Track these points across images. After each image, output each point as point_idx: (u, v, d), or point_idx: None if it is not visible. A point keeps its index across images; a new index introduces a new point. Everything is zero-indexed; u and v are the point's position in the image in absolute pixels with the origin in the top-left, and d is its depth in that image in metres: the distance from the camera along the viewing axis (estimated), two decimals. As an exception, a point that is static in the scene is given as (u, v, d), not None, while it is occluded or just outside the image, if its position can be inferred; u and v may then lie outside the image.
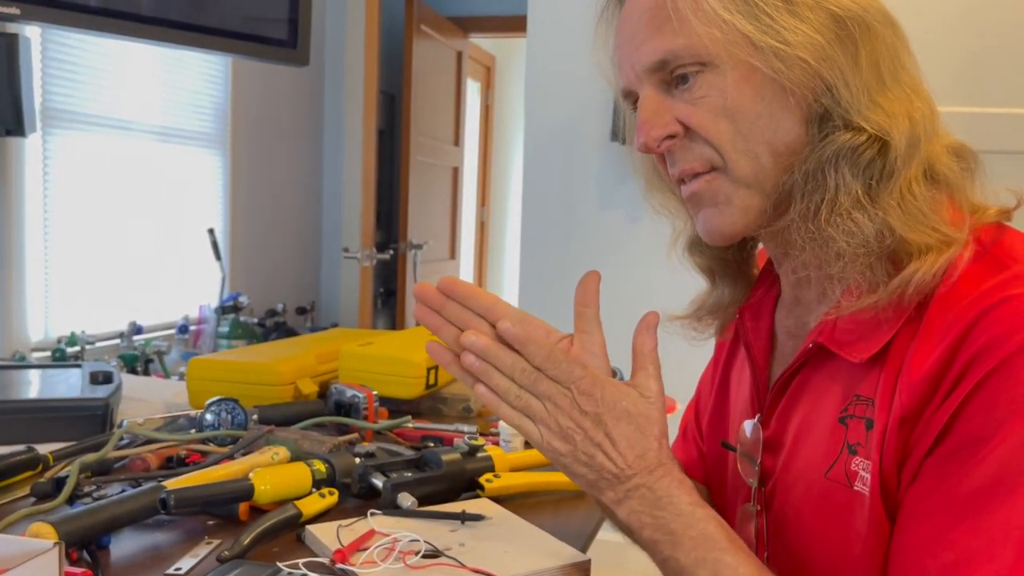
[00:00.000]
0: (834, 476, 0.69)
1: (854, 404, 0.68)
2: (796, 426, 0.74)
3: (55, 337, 2.66)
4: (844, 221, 0.65)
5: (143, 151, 3.02)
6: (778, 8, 0.65)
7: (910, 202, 0.65)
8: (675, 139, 0.71)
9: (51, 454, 1.05)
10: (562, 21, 2.61)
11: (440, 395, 1.43)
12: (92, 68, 2.77)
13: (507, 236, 6.17)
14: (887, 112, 0.65)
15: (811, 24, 0.65)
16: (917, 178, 0.66)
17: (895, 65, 0.67)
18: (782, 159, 0.68)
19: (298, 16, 1.69)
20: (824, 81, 0.66)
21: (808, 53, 0.65)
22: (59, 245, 2.69)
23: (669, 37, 0.68)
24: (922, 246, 0.64)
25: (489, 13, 4.89)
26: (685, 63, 0.68)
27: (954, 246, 0.64)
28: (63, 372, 1.41)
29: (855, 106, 0.65)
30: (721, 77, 0.67)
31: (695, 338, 0.86)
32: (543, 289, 2.72)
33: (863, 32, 0.66)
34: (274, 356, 1.41)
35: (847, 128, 0.66)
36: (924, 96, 0.68)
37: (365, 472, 0.98)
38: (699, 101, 0.68)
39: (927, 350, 0.62)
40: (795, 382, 0.75)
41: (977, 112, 2.24)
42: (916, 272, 0.63)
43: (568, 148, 2.65)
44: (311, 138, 4.03)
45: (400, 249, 4.26)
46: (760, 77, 0.67)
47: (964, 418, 0.60)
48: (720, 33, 0.66)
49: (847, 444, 0.68)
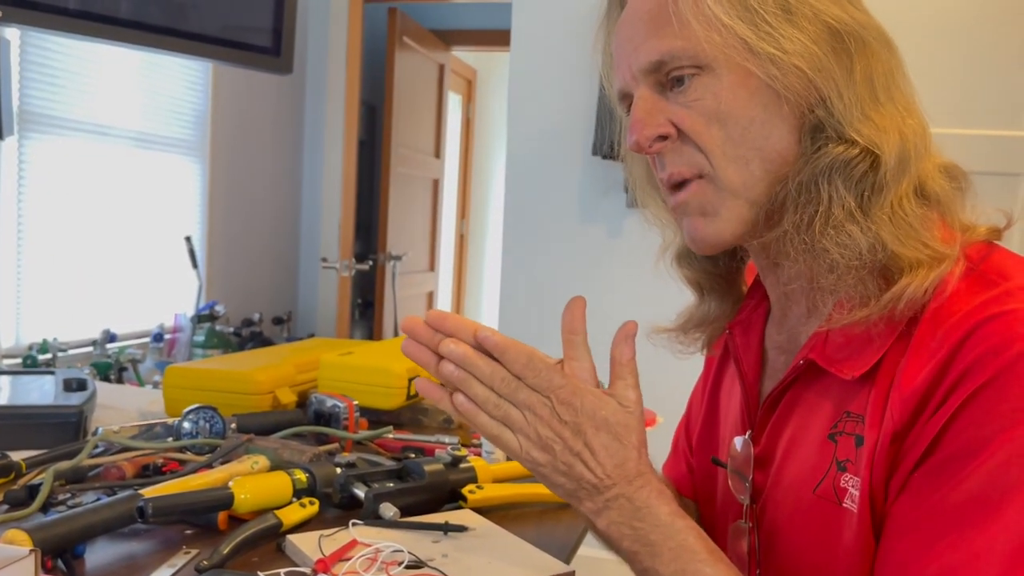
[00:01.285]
0: (822, 493, 0.69)
1: (844, 421, 0.68)
2: (786, 442, 0.74)
3: (26, 344, 2.62)
4: (838, 233, 0.65)
5: (121, 157, 2.98)
6: (777, 16, 0.66)
7: (901, 217, 0.65)
8: (667, 141, 0.71)
9: (24, 461, 1.03)
10: (545, 36, 2.63)
11: (421, 406, 1.42)
12: (71, 72, 2.74)
13: (487, 249, 6.16)
14: (879, 127, 0.66)
15: (809, 34, 0.66)
16: (908, 195, 0.66)
17: (889, 82, 0.68)
18: (772, 168, 0.69)
19: (282, 24, 1.68)
20: (818, 91, 0.66)
21: (804, 62, 0.66)
22: (32, 250, 2.65)
23: (668, 39, 0.68)
24: (913, 261, 0.64)
25: (472, 27, 4.91)
26: (682, 65, 0.68)
27: (945, 262, 0.64)
28: (36, 379, 1.39)
29: (848, 119, 0.66)
30: (717, 80, 0.68)
31: (681, 352, 0.86)
32: (522, 302, 2.72)
33: (859, 47, 0.67)
34: (253, 365, 1.40)
35: (840, 140, 0.66)
36: (917, 115, 0.69)
37: (346, 482, 0.97)
38: (693, 104, 0.69)
39: (918, 365, 0.63)
40: (786, 398, 0.74)
41: (966, 134, 2.28)
42: (907, 287, 0.64)
43: (549, 162, 2.66)
44: (291, 147, 4.01)
45: (379, 260, 4.24)
46: (755, 83, 0.67)
47: (953, 432, 0.60)
48: (719, 37, 0.67)
49: (836, 460, 0.68)
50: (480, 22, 4.84)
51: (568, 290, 2.65)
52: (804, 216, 0.67)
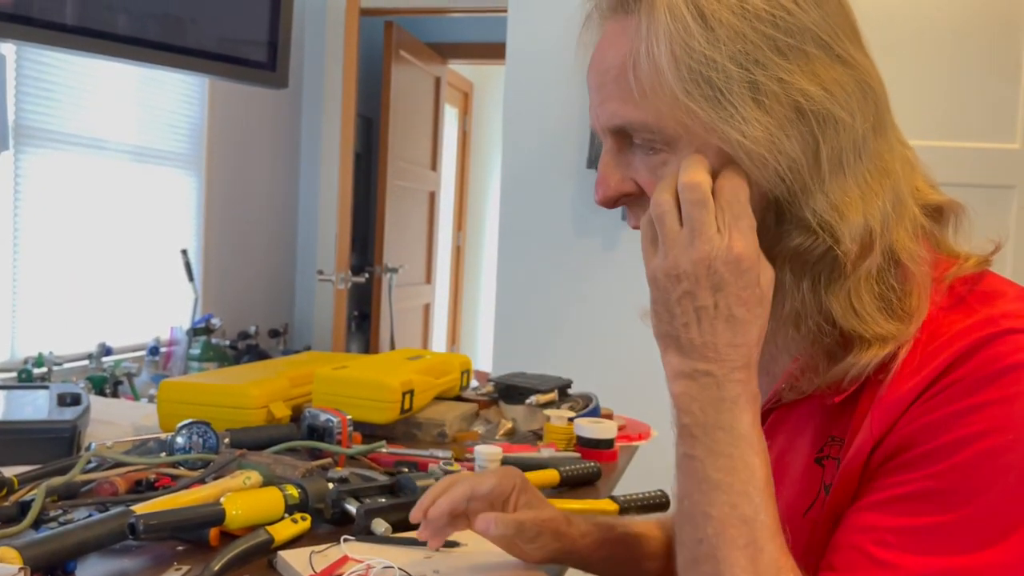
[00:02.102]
0: (813, 517, 0.69)
1: (829, 445, 0.69)
2: (774, 463, 0.74)
3: (22, 357, 2.61)
4: (787, 327, 0.67)
5: (117, 170, 2.99)
6: (743, 97, 0.63)
7: (856, 302, 0.65)
8: (631, 196, 0.71)
9: (16, 477, 1.03)
10: (540, 49, 2.64)
11: (415, 420, 1.42)
12: (67, 86, 2.75)
13: (483, 261, 6.17)
14: (841, 213, 0.64)
15: (774, 116, 0.63)
16: (870, 274, 0.65)
17: (860, 153, 0.66)
18: None
19: (277, 39, 1.69)
20: (780, 176, 0.64)
21: (766, 148, 0.63)
22: (29, 264, 2.65)
23: (629, 107, 0.67)
24: (863, 341, 0.65)
25: (468, 40, 4.93)
26: (642, 136, 0.68)
27: (893, 342, 0.64)
28: (30, 393, 1.39)
29: (810, 205, 0.65)
30: (679, 155, 0.66)
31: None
32: (518, 314, 2.72)
33: (825, 125, 0.64)
34: (247, 379, 1.40)
35: (800, 226, 0.65)
36: (892, 179, 0.67)
37: (338, 497, 0.97)
38: (655, 170, 0.68)
39: (899, 383, 0.63)
40: (771, 419, 0.75)
41: (958, 146, 2.29)
42: (854, 365, 0.64)
43: (545, 175, 2.66)
44: (287, 160, 4.02)
45: (375, 272, 4.25)
46: (717, 161, 0.65)
47: (924, 439, 0.61)
48: (679, 115, 0.65)
49: (824, 485, 0.68)
50: (476, 35, 4.87)
51: (564, 302, 2.66)
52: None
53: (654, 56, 0.64)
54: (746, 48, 0.63)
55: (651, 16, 0.65)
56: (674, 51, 0.64)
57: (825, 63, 0.65)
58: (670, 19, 0.64)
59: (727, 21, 0.63)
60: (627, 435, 1.47)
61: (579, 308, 2.62)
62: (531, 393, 1.51)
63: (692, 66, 0.63)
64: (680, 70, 0.64)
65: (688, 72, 0.63)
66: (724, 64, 0.63)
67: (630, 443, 1.44)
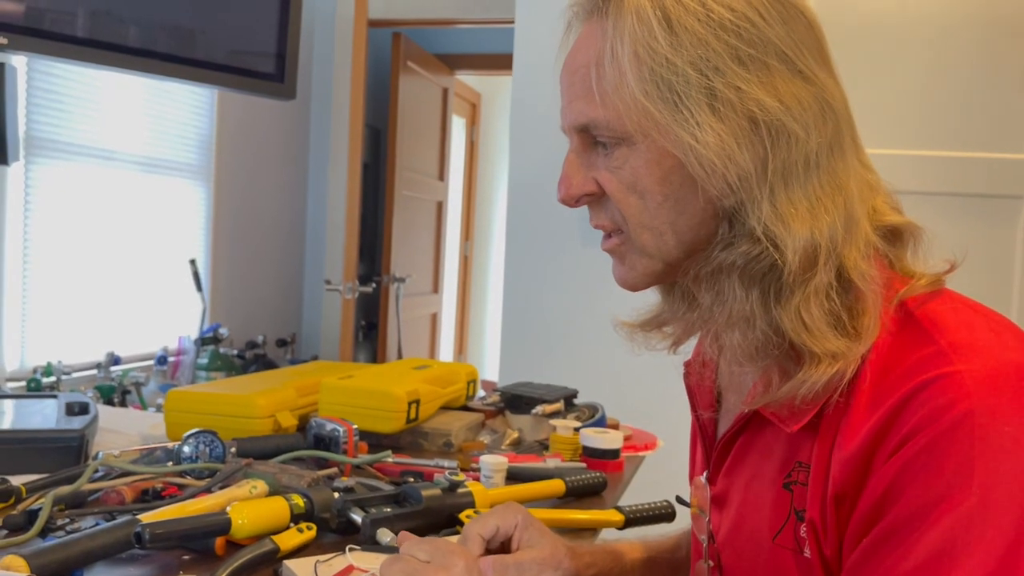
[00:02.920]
0: (783, 542, 0.69)
1: (796, 470, 0.68)
2: (742, 487, 0.74)
3: (31, 367, 2.63)
4: (733, 331, 0.66)
5: (126, 181, 3.01)
6: (699, 104, 0.64)
7: (806, 316, 0.64)
8: (592, 196, 0.72)
9: (24, 486, 1.04)
10: (547, 60, 2.64)
11: (421, 429, 1.42)
12: (77, 98, 2.77)
13: (490, 271, 6.18)
14: (786, 225, 0.64)
15: (728, 125, 0.64)
16: (820, 290, 0.65)
17: (812, 170, 0.66)
18: (687, 242, 0.69)
19: (285, 50, 1.70)
20: (729, 184, 0.65)
21: (716, 155, 0.64)
22: (38, 274, 2.67)
23: (591, 106, 0.68)
24: (813, 356, 0.64)
25: (475, 51, 4.95)
26: (603, 134, 0.69)
27: (843, 359, 0.63)
28: (38, 403, 1.39)
29: (756, 214, 0.65)
30: (635, 154, 0.68)
31: (644, 347, 0.84)
32: (525, 325, 2.72)
33: (778, 138, 0.65)
34: (253, 389, 1.40)
35: (747, 236, 0.66)
36: (847, 195, 0.67)
37: (344, 507, 0.98)
38: (615, 170, 0.69)
39: (858, 422, 0.63)
40: (739, 442, 0.75)
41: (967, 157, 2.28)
42: (804, 383, 0.64)
43: (552, 185, 2.64)
44: (296, 171, 4.04)
45: (383, 282, 4.25)
46: (671, 162, 0.66)
47: (896, 499, 0.60)
48: (638, 115, 0.66)
49: (795, 510, 0.68)
50: (483, 46, 4.89)
51: (570, 312, 2.66)
52: (712, 303, 0.68)
53: (618, 56, 0.66)
54: (707, 55, 0.64)
55: (618, 18, 0.67)
56: (637, 52, 0.65)
57: (785, 77, 0.65)
58: (636, 22, 0.66)
59: (691, 27, 0.65)
60: (633, 445, 1.46)
61: (586, 318, 2.62)
62: (537, 403, 1.51)
63: (653, 68, 0.65)
64: (641, 71, 0.65)
65: (649, 74, 0.65)
66: (684, 68, 0.64)
67: (636, 453, 1.44)
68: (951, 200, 2.14)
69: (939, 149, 2.27)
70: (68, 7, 1.42)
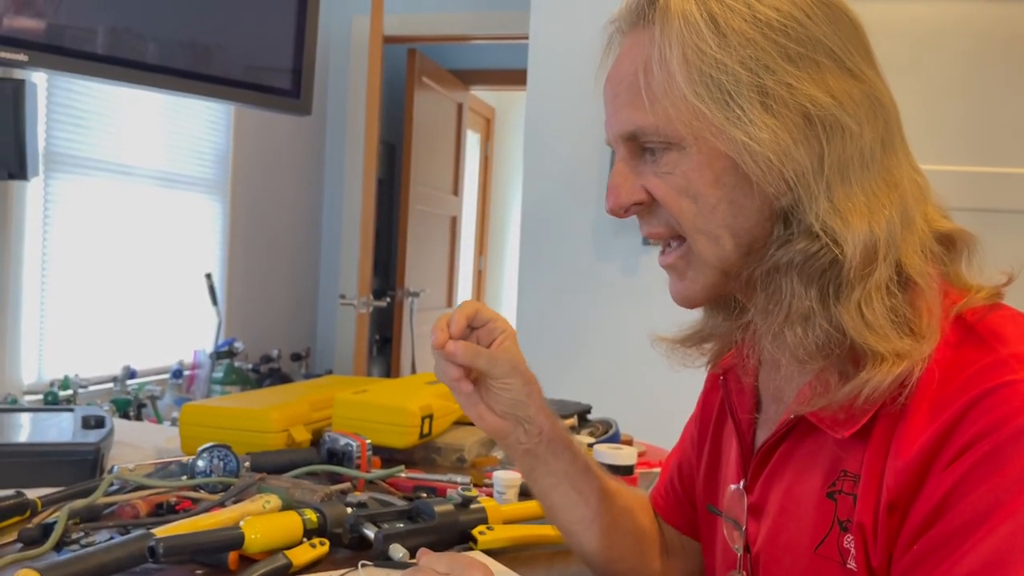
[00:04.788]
0: (825, 552, 0.68)
1: (842, 479, 0.67)
2: (781, 496, 0.73)
3: (48, 380, 2.65)
4: (794, 328, 0.65)
5: (143, 196, 3.04)
6: (752, 101, 0.65)
7: (868, 313, 0.64)
8: (642, 206, 0.72)
9: (40, 499, 1.04)
10: (561, 75, 2.66)
11: (434, 444, 1.42)
12: (96, 113, 2.80)
13: (504, 285, 6.18)
14: (844, 220, 0.64)
15: (782, 122, 0.64)
16: (880, 286, 0.64)
17: (868, 164, 0.66)
18: (744, 244, 0.68)
19: (302, 66, 1.72)
20: (786, 181, 0.65)
21: (773, 152, 0.64)
22: (56, 288, 2.69)
23: (640, 112, 0.68)
24: (876, 355, 0.63)
25: (490, 67, 4.97)
26: (652, 140, 0.69)
27: (907, 359, 0.63)
28: (55, 416, 1.40)
29: (814, 210, 0.65)
30: (687, 158, 0.67)
31: (682, 364, 0.84)
32: (538, 339, 2.72)
33: (832, 133, 0.65)
34: (267, 403, 1.41)
35: (805, 233, 0.65)
36: (900, 195, 0.67)
37: (356, 522, 0.97)
38: (665, 176, 0.69)
39: (915, 432, 0.62)
40: (780, 451, 0.74)
41: (990, 172, 2.27)
42: (868, 382, 0.63)
43: (565, 200, 2.67)
44: (311, 186, 4.06)
45: (397, 296, 4.26)
46: (724, 163, 0.66)
47: (954, 504, 0.59)
48: (688, 117, 0.66)
49: (838, 520, 0.67)
50: (498, 62, 4.91)
51: (584, 327, 2.66)
52: (768, 304, 0.67)
53: (666, 59, 0.67)
54: (756, 54, 0.65)
55: (665, 23, 0.67)
56: (686, 54, 0.66)
57: (835, 73, 0.66)
58: (683, 25, 0.66)
59: (739, 28, 0.65)
60: (647, 461, 1.46)
61: (599, 333, 2.61)
62: (551, 418, 1.50)
63: (703, 68, 0.65)
64: (691, 72, 0.65)
65: (698, 75, 0.65)
66: (734, 67, 0.65)
67: (650, 469, 1.43)
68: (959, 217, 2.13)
69: (954, 164, 2.26)
70: (88, 24, 1.44)
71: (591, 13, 2.72)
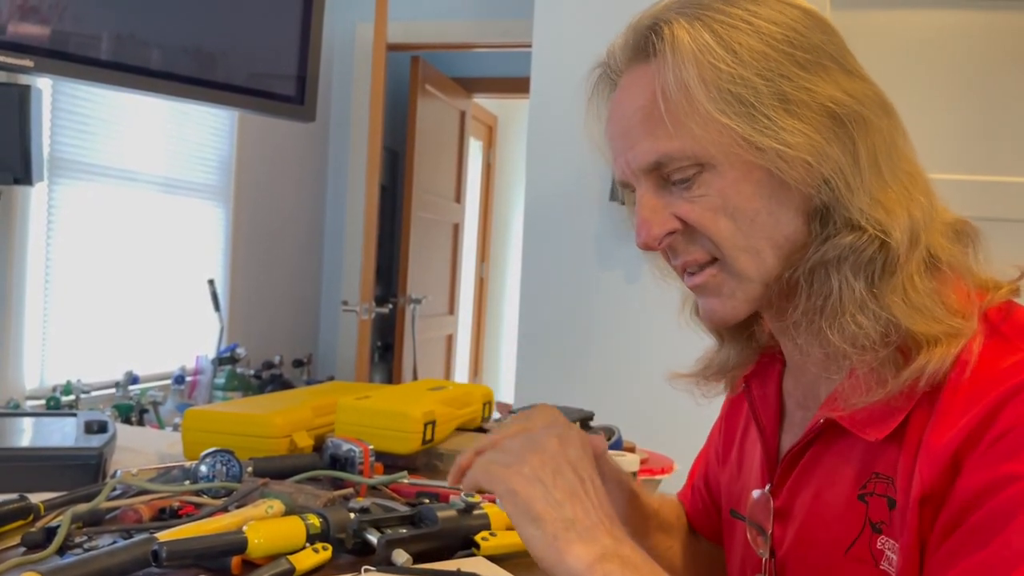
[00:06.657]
0: (857, 554, 0.67)
1: (873, 481, 0.67)
2: (810, 499, 0.73)
3: (51, 385, 2.65)
4: (848, 324, 0.65)
5: (147, 201, 3.04)
6: (775, 108, 0.66)
7: (913, 296, 0.65)
8: (675, 234, 0.71)
9: (43, 503, 1.04)
10: (563, 84, 2.66)
11: (436, 451, 1.42)
12: (100, 119, 2.81)
13: (506, 293, 6.18)
14: (886, 209, 0.66)
15: (809, 123, 0.66)
16: (919, 271, 0.66)
17: (892, 154, 0.68)
18: (784, 252, 0.69)
19: (306, 73, 1.72)
20: (824, 179, 0.66)
21: (809, 153, 0.65)
22: (59, 293, 2.70)
23: (664, 140, 0.68)
24: (930, 338, 0.64)
25: (493, 75, 4.98)
26: (681, 165, 0.68)
27: (961, 337, 0.64)
28: (57, 421, 1.41)
29: (856, 204, 0.66)
30: (719, 176, 0.68)
31: (704, 395, 0.85)
32: (540, 346, 2.72)
33: (859, 126, 0.66)
34: (270, 408, 1.41)
35: (847, 226, 0.66)
36: (921, 182, 0.69)
37: (359, 527, 0.97)
38: (697, 199, 0.69)
39: (946, 427, 0.62)
40: (807, 455, 0.73)
41: (993, 180, 2.26)
42: (927, 364, 0.63)
43: (568, 207, 2.68)
44: (314, 192, 4.07)
45: (399, 303, 4.27)
46: (759, 175, 0.67)
47: (989, 495, 0.59)
48: (717, 135, 0.66)
49: (870, 522, 0.67)
50: (501, 70, 4.92)
51: (586, 334, 2.66)
52: (815, 303, 0.67)
53: (684, 82, 0.67)
54: (770, 64, 0.66)
55: (675, 49, 0.68)
56: (703, 74, 0.66)
57: (842, 75, 0.68)
58: (695, 48, 0.67)
59: (746, 43, 0.66)
60: (650, 469, 1.45)
61: (602, 340, 2.61)
62: (553, 425, 1.50)
63: (722, 85, 0.66)
64: (711, 91, 0.66)
65: (719, 92, 0.66)
66: (752, 79, 0.66)
67: (653, 477, 1.43)
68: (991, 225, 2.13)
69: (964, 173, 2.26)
70: (93, 31, 1.45)
71: (594, 21, 2.74)
